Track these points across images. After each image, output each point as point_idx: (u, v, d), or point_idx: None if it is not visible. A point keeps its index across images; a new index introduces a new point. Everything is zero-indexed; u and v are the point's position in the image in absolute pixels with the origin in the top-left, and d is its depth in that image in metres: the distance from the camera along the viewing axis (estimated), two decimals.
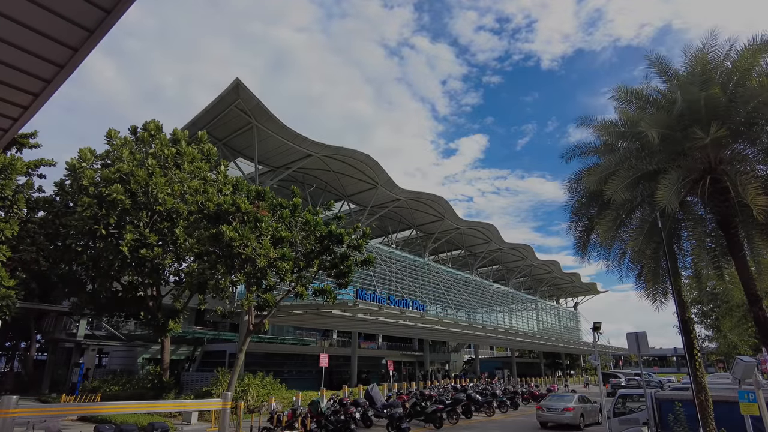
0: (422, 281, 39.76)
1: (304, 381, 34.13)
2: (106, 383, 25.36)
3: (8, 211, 19.69)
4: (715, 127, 8.71)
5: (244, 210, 16.18)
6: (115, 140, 21.10)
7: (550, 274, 63.30)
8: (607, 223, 10.69)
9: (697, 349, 11.56)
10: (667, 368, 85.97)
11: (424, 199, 38.30)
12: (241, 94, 24.17)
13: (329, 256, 18.94)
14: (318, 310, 23.19)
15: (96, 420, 17.80)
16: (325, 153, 29.75)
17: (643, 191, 10.49)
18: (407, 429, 15.81)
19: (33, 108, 6.49)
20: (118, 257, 19.31)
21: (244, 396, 20.48)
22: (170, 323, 21.83)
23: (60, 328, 34.55)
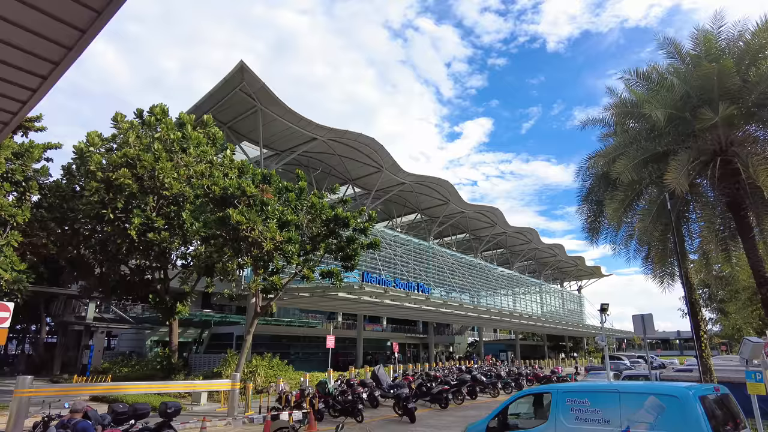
0: (427, 265, 39.94)
1: (311, 362, 34.59)
2: (116, 365, 25.79)
3: (21, 197, 19.82)
4: (724, 106, 8.61)
5: (249, 193, 16.22)
6: (121, 124, 21.10)
7: (555, 258, 63.36)
8: (616, 205, 10.66)
9: (703, 331, 11.62)
10: (670, 351, 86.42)
11: (429, 182, 38.22)
12: (245, 77, 24.03)
13: (335, 239, 19.04)
14: (324, 293, 23.39)
15: (108, 400, 18.13)
16: (330, 136, 29.65)
17: (651, 173, 10.43)
18: (413, 409, 16.01)
19: (41, 90, 6.47)
20: (125, 241, 19.47)
21: (252, 377, 20.79)
22: (178, 306, 22.07)
23: (69, 311, 35.01)
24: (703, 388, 6.61)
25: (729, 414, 6.56)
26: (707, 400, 6.24)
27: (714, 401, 6.48)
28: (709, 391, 6.58)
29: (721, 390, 6.79)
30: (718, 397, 6.66)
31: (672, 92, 9.66)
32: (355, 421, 15.55)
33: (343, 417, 16.03)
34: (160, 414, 8.17)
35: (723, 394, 6.73)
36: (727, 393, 6.80)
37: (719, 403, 6.59)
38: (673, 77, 9.69)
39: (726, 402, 6.70)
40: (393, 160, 33.31)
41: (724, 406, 6.63)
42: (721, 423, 6.26)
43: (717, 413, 6.30)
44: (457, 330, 63.71)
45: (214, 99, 25.53)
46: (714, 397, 6.54)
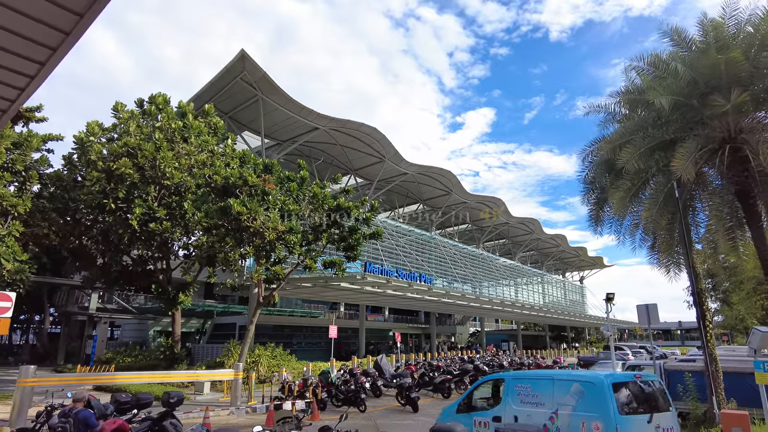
0: (429, 255, 39.92)
1: (313, 352, 34.73)
2: (119, 355, 25.88)
3: (21, 187, 19.74)
4: (736, 93, 8.45)
5: (251, 183, 16.11)
6: (122, 113, 20.95)
7: (557, 248, 63.28)
8: (621, 193, 10.53)
9: (709, 321, 11.53)
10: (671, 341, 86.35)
11: (432, 172, 38.04)
12: (246, 65, 23.82)
13: (337, 229, 18.96)
14: (327, 283, 23.37)
15: (111, 389, 18.19)
16: (331, 126, 29.46)
17: (658, 161, 10.29)
18: (416, 398, 16.02)
19: (39, 77, 6.33)
20: (127, 231, 19.42)
21: (255, 367, 20.84)
22: (180, 296, 22.07)
23: (72, 302, 35.15)
24: (618, 376, 7.45)
25: (649, 398, 7.37)
26: (620, 386, 7.09)
27: (631, 387, 7.29)
28: (625, 379, 7.44)
29: (644, 377, 7.63)
30: (638, 384, 7.44)
31: (678, 79, 9.49)
32: (358, 410, 15.58)
33: (346, 406, 16.06)
34: (163, 404, 8.13)
35: (645, 381, 7.55)
36: (648, 380, 7.62)
37: (637, 389, 7.38)
38: (678, 63, 9.51)
39: (647, 388, 7.49)
40: (395, 150, 33.13)
41: (643, 391, 7.42)
42: (634, 405, 7.14)
43: (630, 397, 7.16)
44: (459, 320, 63.85)
45: (215, 88, 25.35)
46: (632, 384, 7.36)
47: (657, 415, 7.10)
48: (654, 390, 7.53)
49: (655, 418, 7.05)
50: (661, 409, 7.27)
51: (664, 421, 7.18)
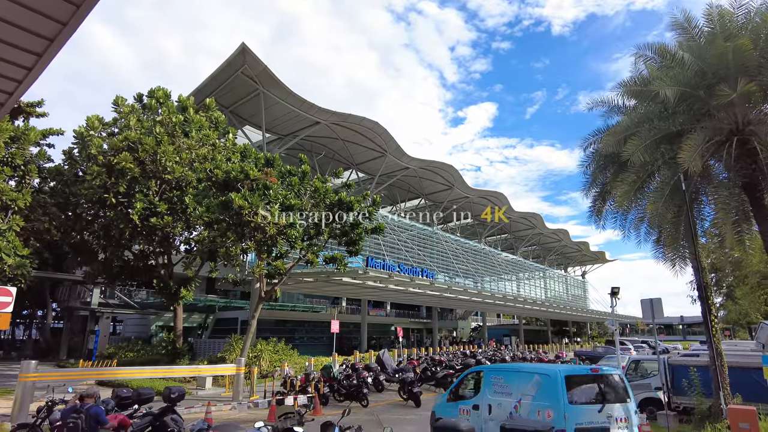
0: (431, 250, 39.80)
1: (315, 347, 34.75)
2: (122, 350, 25.90)
3: (20, 181, 19.67)
4: (743, 83, 8.29)
5: (252, 177, 15.99)
6: (122, 108, 20.83)
7: (559, 243, 63.12)
8: (626, 187, 10.40)
9: (714, 315, 11.43)
10: (673, 336, 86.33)
11: (434, 167, 37.88)
12: (247, 59, 23.65)
13: (339, 224, 18.86)
14: (329, 278, 23.29)
15: (113, 384, 18.17)
16: (332, 120, 29.30)
17: (663, 153, 10.14)
18: (419, 393, 15.98)
19: (37, 69, 6.23)
20: (128, 226, 19.36)
21: (257, 361, 20.82)
22: (182, 291, 22.04)
23: (74, 297, 35.17)
24: (571, 370, 8.24)
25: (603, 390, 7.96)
26: (572, 379, 7.82)
27: (584, 380, 8.06)
28: (578, 372, 8.36)
29: (601, 371, 8.21)
30: (593, 377, 8.11)
31: (685, 69, 9.33)
32: (360, 405, 15.54)
33: (348, 401, 16.02)
34: (164, 399, 8.05)
35: (601, 375, 8.11)
36: (604, 374, 8.15)
37: (591, 381, 8.08)
38: (685, 53, 9.35)
39: (602, 381, 8.06)
40: (397, 144, 32.97)
41: (598, 384, 8.04)
42: (585, 396, 7.85)
43: (582, 389, 7.92)
44: (461, 315, 63.83)
45: (215, 82, 25.19)
46: (586, 377, 8.14)
47: (610, 406, 7.67)
48: (610, 383, 8.07)
49: (608, 408, 7.63)
50: (616, 401, 7.82)
51: (618, 411, 7.74)
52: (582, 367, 9.26)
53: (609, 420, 7.55)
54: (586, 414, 7.49)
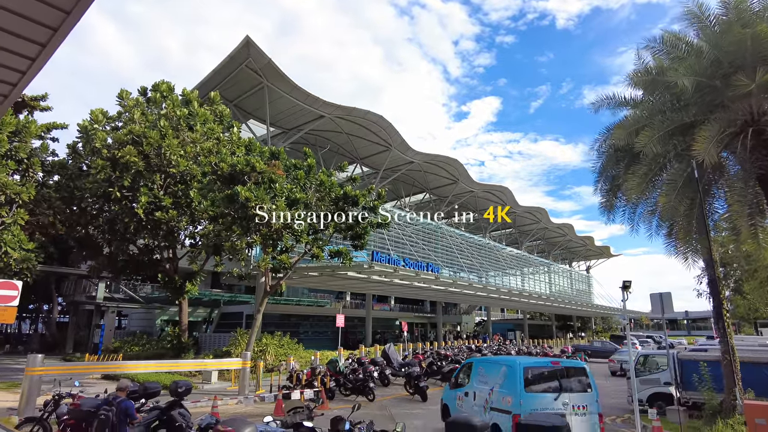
0: (435, 245, 39.69)
1: (320, 341, 34.73)
2: (127, 344, 25.95)
3: (24, 175, 19.63)
4: (762, 72, 8.09)
5: (259, 170, 15.88)
6: (126, 101, 20.73)
7: (564, 238, 62.88)
8: (637, 179, 10.23)
9: (726, 309, 11.27)
10: (677, 331, 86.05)
11: (438, 161, 37.69)
12: (251, 52, 23.48)
13: (344, 218, 18.77)
14: (334, 272, 23.22)
15: (118, 379, 18.18)
16: (337, 114, 29.13)
17: (676, 145, 9.96)
18: (425, 387, 15.91)
19: (40, 60, 6.10)
20: (133, 220, 19.30)
21: (263, 356, 20.79)
22: (187, 285, 22.00)
23: (80, 291, 35.26)
24: (531, 362, 8.99)
25: (562, 380, 8.66)
26: (530, 370, 8.62)
27: (542, 371, 8.79)
28: (537, 364, 8.95)
29: (563, 364, 9.04)
30: (552, 369, 8.87)
31: (701, 58, 9.14)
32: (366, 399, 15.49)
33: (354, 395, 15.99)
34: (171, 393, 7.99)
35: (561, 368, 8.87)
36: (564, 367, 8.93)
37: (551, 372, 8.80)
38: (702, 42, 9.14)
39: (561, 373, 8.79)
40: (401, 138, 32.78)
41: (557, 374, 8.75)
42: (543, 385, 8.57)
43: (540, 378, 8.66)
44: (465, 310, 63.76)
45: (219, 76, 25.04)
46: (545, 369, 8.86)
47: (567, 395, 8.41)
48: (569, 374, 8.85)
49: (564, 397, 8.37)
50: (575, 390, 8.59)
51: (576, 400, 8.48)
52: (542, 360, 9.84)
53: (565, 407, 8.30)
54: (542, 401, 8.24)
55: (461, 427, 5.05)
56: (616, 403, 16.28)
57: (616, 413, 14.47)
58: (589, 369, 9.13)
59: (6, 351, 34.10)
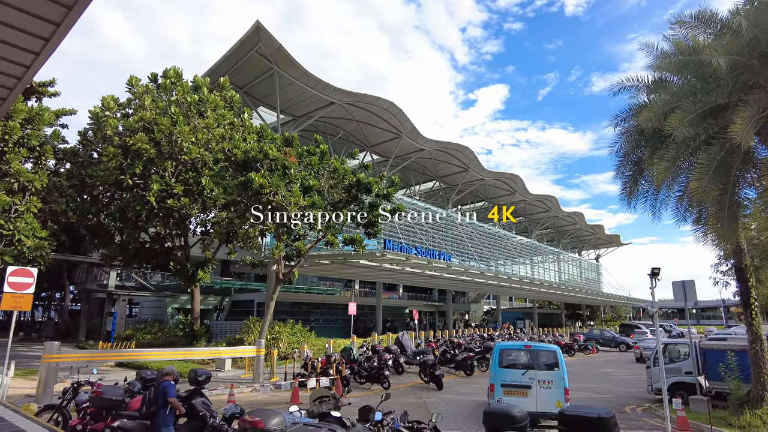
0: (445, 233, 39.45)
1: (330, 329, 34.77)
2: (139, 331, 26.03)
3: (36, 162, 19.55)
4: None
5: (272, 157, 15.66)
6: (136, 88, 20.51)
7: (574, 226, 62.37)
8: (665, 164, 9.88)
9: (754, 298, 10.98)
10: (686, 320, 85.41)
11: (449, 149, 37.29)
12: (261, 37, 23.12)
13: (357, 205, 18.56)
14: (345, 260, 23.05)
15: (132, 366, 18.23)
16: (347, 100, 28.78)
17: (707, 128, 9.60)
18: (441, 375, 15.77)
19: (44, 54, 6.05)
20: (145, 208, 19.18)
21: (276, 343, 20.75)
22: (199, 273, 21.93)
23: (91, 279, 35.46)
24: (506, 345, 11.33)
25: (531, 360, 10.62)
26: (504, 350, 10.92)
27: (514, 352, 10.97)
28: (510, 347, 11.24)
29: (533, 347, 10.85)
30: (524, 350, 10.90)
31: (739, 36, 8.74)
32: (381, 387, 15.40)
33: (369, 383, 15.91)
34: (191, 382, 7.79)
35: (533, 350, 10.76)
36: (534, 349, 10.77)
37: (522, 353, 10.87)
38: (740, 19, 8.73)
39: (530, 353, 10.73)
40: (412, 125, 32.41)
41: (526, 355, 10.78)
42: (513, 362, 10.71)
43: (512, 358, 10.82)
44: (473, 298, 63.66)
45: (229, 62, 24.73)
46: (516, 350, 11.04)
47: (534, 372, 10.33)
48: (538, 355, 10.66)
49: (532, 373, 10.32)
50: (541, 368, 10.40)
51: (543, 376, 10.27)
52: (515, 343, 12.62)
53: (531, 381, 10.24)
54: (512, 375, 10.43)
55: (499, 418, 4.86)
56: (635, 392, 16.11)
57: (636, 402, 14.29)
58: (559, 352, 10.68)
59: (20, 338, 34.44)
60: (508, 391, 10.40)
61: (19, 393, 12.99)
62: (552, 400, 10.04)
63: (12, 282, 11.18)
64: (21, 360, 19.85)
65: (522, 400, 10.02)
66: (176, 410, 6.68)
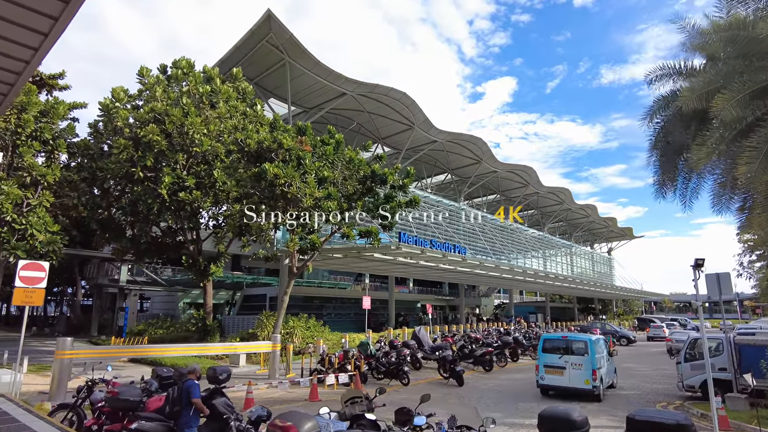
0: (457, 226, 38.90)
1: (342, 323, 34.42)
2: (151, 327, 25.81)
3: (49, 156, 19.26)
4: None
5: (286, 147, 15.19)
6: (146, 78, 20.12)
7: (587, 219, 61.50)
8: (708, 148, 9.30)
9: None
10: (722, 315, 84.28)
11: (462, 140, 36.64)
12: (272, 26, 22.61)
13: (372, 197, 18.09)
14: (359, 254, 22.59)
15: (145, 362, 17.96)
16: (359, 91, 28.23)
17: (754, 109, 9.00)
18: (461, 371, 15.32)
19: (43, 49, 5.79)
20: (156, 201, 18.82)
21: (290, 338, 20.39)
22: (212, 267, 21.57)
23: (103, 274, 35.35)
24: (549, 336, 14.38)
25: (566, 347, 13.47)
26: (547, 340, 14.02)
27: (553, 341, 13.90)
28: (551, 336, 14.29)
29: (570, 337, 13.95)
30: (562, 340, 13.80)
31: None
32: (400, 383, 14.98)
33: (387, 379, 15.49)
34: (210, 380, 7.29)
35: (569, 340, 13.65)
36: (569, 339, 13.71)
37: (560, 342, 13.73)
38: None
39: (566, 342, 13.60)
40: (425, 116, 31.80)
41: (563, 343, 13.63)
42: (552, 348, 13.59)
43: (551, 345, 13.75)
44: (484, 292, 63.09)
45: (240, 53, 24.26)
46: (556, 339, 13.94)
47: (568, 356, 13.13)
48: (572, 344, 13.44)
49: (566, 357, 13.14)
50: (574, 354, 13.13)
51: (575, 360, 12.97)
52: (555, 334, 15.14)
53: (565, 363, 13.02)
54: (551, 359, 13.39)
55: (557, 421, 4.37)
56: (661, 389, 15.55)
57: (665, 399, 13.75)
58: (590, 341, 13.13)
59: (33, 333, 34.45)
60: (549, 370, 13.32)
61: (32, 390, 12.71)
62: (582, 379, 12.74)
63: (23, 276, 10.84)
64: (34, 355, 19.67)
65: (558, 377, 13.19)
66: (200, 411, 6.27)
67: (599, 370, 12.77)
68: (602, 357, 13.65)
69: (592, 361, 12.62)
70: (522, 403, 12.61)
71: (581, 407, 10.12)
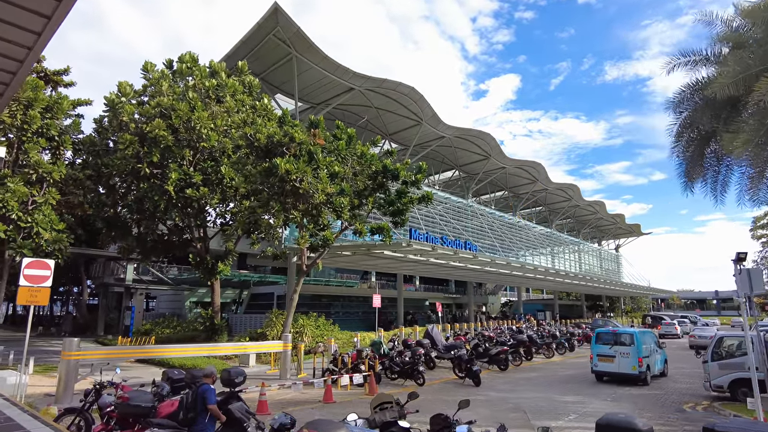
0: (466, 223, 38.42)
1: (351, 322, 33.98)
2: (158, 326, 25.46)
3: (54, 153, 18.90)
4: None
5: (298, 140, 14.74)
6: (151, 73, 19.71)
7: (595, 216, 60.86)
8: (745, 136, 8.80)
9: None
10: (707, 311, 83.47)
11: (470, 135, 36.12)
12: (279, 20, 22.14)
13: (383, 193, 17.64)
14: (369, 251, 22.14)
15: (153, 363, 17.60)
16: (367, 86, 27.75)
17: None
18: (478, 371, 14.85)
19: (45, 35, 5.49)
20: (163, 198, 18.42)
21: (300, 337, 19.97)
22: (219, 265, 21.16)
23: (108, 273, 35.04)
24: (600, 330, 16.77)
25: (616, 338, 15.57)
26: (599, 334, 16.29)
27: (604, 334, 16.08)
28: (603, 330, 16.65)
29: (619, 330, 16.21)
30: (612, 333, 15.94)
31: None
32: (415, 383, 14.54)
33: (401, 379, 15.06)
34: (224, 383, 6.87)
35: (617, 333, 15.82)
36: (618, 332, 15.84)
37: (609, 335, 15.90)
38: None
39: (615, 335, 15.69)
40: (433, 111, 31.31)
41: (613, 335, 15.77)
42: (604, 340, 15.82)
43: (603, 338, 15.90)
44: (491, 290, 62.53)
45: (246, 47, 23.80)
46: (606, 333, 16.12)
47: (617, 347, 15.20)
48: (620, 336, 15.55)
49: (615, 347, 15.20)
50: (622, 344, 15.19)
51: (623, 349, 15.05)
52: (607, 329, 17.06)
53: (615, 352, 15.12)
54: (603, 349, 15.50)
55: (619, 431, 3.92)
56: (686, 389, 15.03)
57: (692, 399, 13.24)
58: (637, 334, 15.25)
59: (39, 333, 34.19)
60: (601, 358, 15.48)
61: (38, 392, 12.34)
62: (629, 365, 14.85)
63: (28, 275, 10.44)
64: (40, 356, 19.31)
65: (609, 364, 15.28)
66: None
67: (645, 358, 15.06)
68: (649, 347, 15.96)
69: (638, 350, 14.82)
70: (557, 398, 12.13)
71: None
